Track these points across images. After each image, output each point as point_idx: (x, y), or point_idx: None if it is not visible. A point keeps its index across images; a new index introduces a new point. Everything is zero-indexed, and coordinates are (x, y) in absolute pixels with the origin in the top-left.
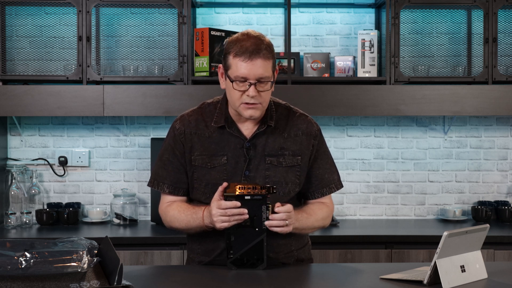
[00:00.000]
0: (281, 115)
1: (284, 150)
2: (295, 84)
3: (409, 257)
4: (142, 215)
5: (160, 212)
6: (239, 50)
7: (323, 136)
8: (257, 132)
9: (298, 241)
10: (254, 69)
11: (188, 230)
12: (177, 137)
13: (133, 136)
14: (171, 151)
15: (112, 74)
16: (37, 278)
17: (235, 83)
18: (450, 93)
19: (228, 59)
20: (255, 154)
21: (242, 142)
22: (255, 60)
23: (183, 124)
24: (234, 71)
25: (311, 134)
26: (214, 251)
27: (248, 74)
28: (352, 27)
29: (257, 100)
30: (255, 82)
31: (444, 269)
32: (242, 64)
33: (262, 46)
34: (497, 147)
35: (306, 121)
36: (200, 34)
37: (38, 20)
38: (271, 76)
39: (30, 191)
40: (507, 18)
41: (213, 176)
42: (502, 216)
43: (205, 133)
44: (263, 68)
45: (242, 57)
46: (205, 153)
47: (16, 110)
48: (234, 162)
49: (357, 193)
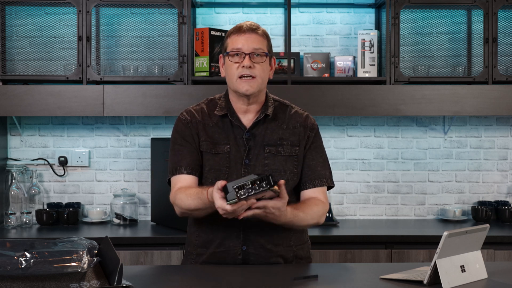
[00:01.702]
0: (280, 109)
1: (283, 141)
2: (295, 84)
3: (409, 257)
4: (142, 215)
5: (171, 198)
6: (235, 29)
7: (322, 135)
8: (256, 122)
9: (298, 238)
10: (248, 42)
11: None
12: (184, 125)
13: (133, 136)
14: (181, 138)
15: (112, 74)
16: (37, 278)
17: (230, 56)
18: (450, 93)
19: (226, 41)
20: (255, 143)
21: (242, 132)
22: (249, 34)
23: (189, 114)
24: (229, 46)
25: (308, 127)
26: (212, 242)
27: (242, 46)
28: (352, 27)
29: (253, 72)
30: (249, 53)
31: (444, 269)
32: (237, 38)
33: (256, 26)
34: (497, 147)
35: (304, 115)
36: (200, 34)
37: (38, 20)
38: (266, 51)
39: (30, 191)
40: (507, 18)
41: (216, 162)
42: (502, 216)
43: (209, 123)
44: (258, 42)
45: (238, 33)
46: (210, 140)
47: (16, 110)
48: (235, 151)
49: (357, 193)
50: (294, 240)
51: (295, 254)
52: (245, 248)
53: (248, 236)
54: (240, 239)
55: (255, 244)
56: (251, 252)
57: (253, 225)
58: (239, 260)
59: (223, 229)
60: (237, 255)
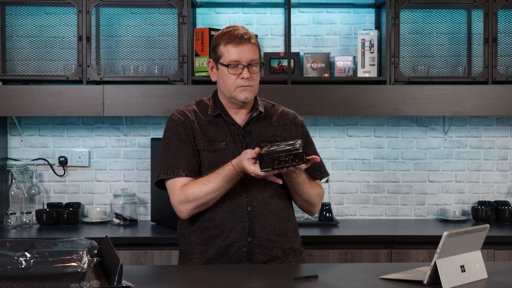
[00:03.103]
0: (268, 108)
1: (276, 137)
2: (295, 84)
3: (409, 257)
4: (142, 215)
5: (177, 199)
6: (229, 38)
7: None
8: (250, 119)
9: (293, 230)
10: (245, 53)
11: (219, 195)
12: (179, 126)
13: (133, 136)
14: (177, 139)
15: (112, 74)
16: (37, 278)
17: (230, 68)
18: (450, 93)
19: (219, 48)
20: (251, 140)
21: (237, 130)
22: (245, 45)
23: (182, 115)
24: (226, 57)
25: (299, 123)
26: (217, 236)
27: (240, 58)
28: (352, 27)
29: (250, 82)
30: (247, 64)
31: (444, 269)
32: (234, 49)
33: (249, 35)
34: (497, 147)
35: (291, 113)
36: (200, 34)
37: (38, 20)
38: (259, 60)
39: (30, 191)
40: (507, 18)
41: (215, 159)
42: (502, 216)
43: (203, 122)
44: (252, 52)
45: (233, 43)
46: (205, 138)
47: (16, 110)
48: (232, 147)
49: (357, 193)
50: (290, 231)
51: (291, 246)
52: (250, 239)
53: (253, 226)
54: (245, 230)
55: (259, 235)
56: (256, 243)
57: (257, 215)
58: (244, 253)
59: (227, 222)
60: (243, 247)
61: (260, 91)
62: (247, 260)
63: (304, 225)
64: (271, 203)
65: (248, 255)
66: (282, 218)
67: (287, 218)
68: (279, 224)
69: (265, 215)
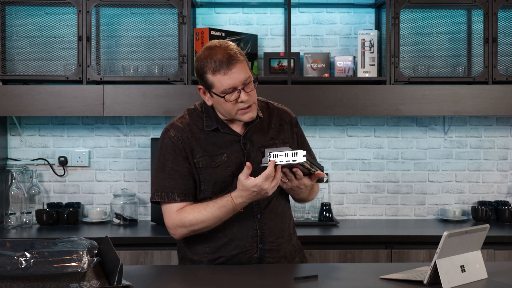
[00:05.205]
0: (263, 108)
1: (274, 140)
2: (295, 84)
3: (409, 257)
4: (142, 215)
5: (172, 223)
6: (215, 66)
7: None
8: (251, 126)
9: (292, 226)
10: (236, 76)
11: (214, 224)
12: (176, 144)
13: (133, 136)
14: (173, 160)
15: (112, 74)
16: (37, 278)
17: (226, 97)
18: (450, 93)
19: (207, 78)
20: (252, 147)
21: (237, 139)
22: (233, 68)
23: (178, 130)
24: (219, 87)
25: (292, 123)
26: (227, 245)
27: (233, 83)
28: (352, 27)
29: (250, 101)
30: (242, 87)
31: (444, 269)
32: (224, 77)
33: (232, 52)
34: (497, 147)
35: (285, 111)
36: (200, 34)
37: (38, 20)
38: (251, 76)
39: (30, 191)
40: (507, 18)
41: (219, 174)
42: (502, 216)
43: (200, 136)
44: (243, 71)
45: (222, 71)
46: (207, 154)
47: (16, 110)
48: (234, 158)
49: (357, 193)
50: (291, 228)
51: (294, 242)
52: (261, 246)
53: (264, 232)
54: (257, 237)
55: (269, 240)
56: (266, 248)
57: (266, 221)
58: (255, 259)
59: (237, 231)
60: (254, 253)
61: (260, 91)
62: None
63: (304, 225)
64: (277, 206)
65: (259, 261)
66: (285, 218)
67: (289, 217)
68: (284, 225)
69: (273, 219)
